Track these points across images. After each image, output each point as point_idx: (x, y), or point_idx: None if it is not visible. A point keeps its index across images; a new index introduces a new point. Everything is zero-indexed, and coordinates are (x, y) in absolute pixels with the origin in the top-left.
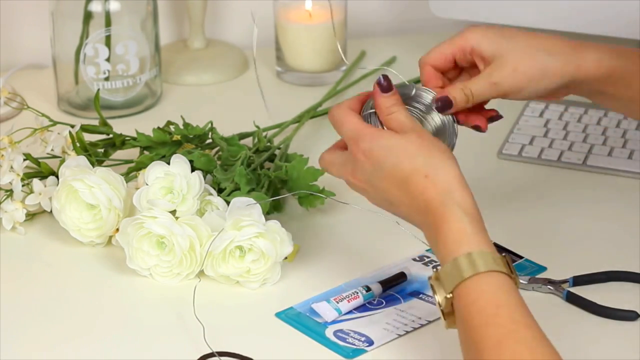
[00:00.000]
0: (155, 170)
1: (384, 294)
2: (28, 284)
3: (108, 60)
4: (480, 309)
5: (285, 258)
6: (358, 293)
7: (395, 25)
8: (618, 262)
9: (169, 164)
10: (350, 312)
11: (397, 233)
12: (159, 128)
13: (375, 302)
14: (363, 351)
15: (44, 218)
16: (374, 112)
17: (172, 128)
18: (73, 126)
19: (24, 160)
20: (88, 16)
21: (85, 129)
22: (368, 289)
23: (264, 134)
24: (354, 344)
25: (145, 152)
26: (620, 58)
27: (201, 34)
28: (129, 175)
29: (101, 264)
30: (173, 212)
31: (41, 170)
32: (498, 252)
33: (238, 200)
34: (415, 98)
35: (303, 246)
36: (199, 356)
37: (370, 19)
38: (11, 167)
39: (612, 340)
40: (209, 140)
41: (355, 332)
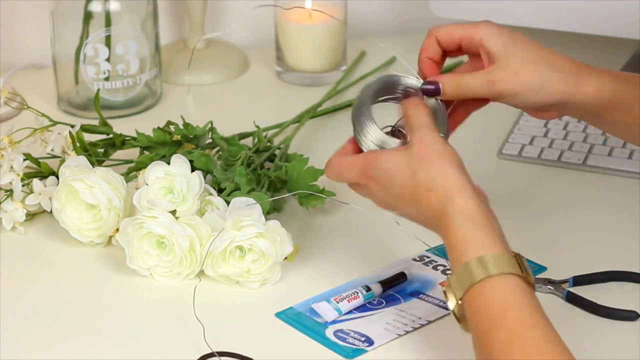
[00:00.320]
0: (155, 170)
1: (384, 294)
2: (28, 284)
3: (108, 60)
4: (489, 313)
5: (285, 258)
6: (358, 293)
7: (395, 25)
8: (618, 262)
9: (169, 164)
10: (350, 312)
11: (397, 233)
12: (159, 128)
13: (375, 302)
14: (363, 351)
15: (44, 218)
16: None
17: (172, 128)
18: (73, 126)
19: (24, 160)
20: (88, 16)
21: (85, 129)
22: (368, 289)
23: (264, 134)
24: (354, 344)
25: (145, 152)
26: (621, 83)
27: (201, 34)
28: (129, 175)
29: (101, 264)
30: (173, 212)
31: (41, 170)
32: (509, 252)
33: (238, 200)
34: (403, 86)
35: (303, 246)
36: (199, 356)
37: (370, 19)
38: (11, 167)
39: (612, 340)
40: (209, 140)
41: (355, 332)
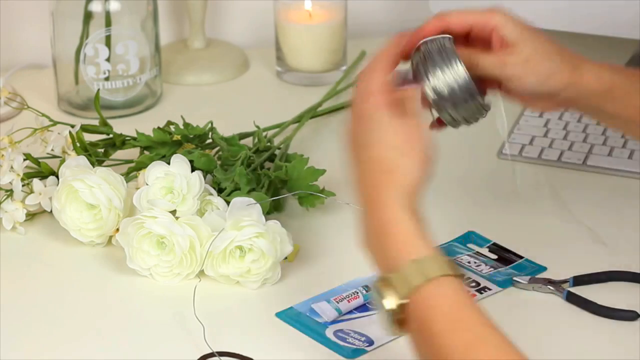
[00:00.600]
0: (156, 170)
1: None
2: (28, 284)
3: (108, 60)
4: (443, 314)
5: (285, 258)
6: (358, 293)
7: (395, 25)
8: (618, 262)
9: (169, 164)
10: (350, 312)
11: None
12: (159, 128)
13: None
14: (363, 351)
15: (44, 218)
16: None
17: (172, 128)
18: (73, 126)
19: (24, 160)
20: (88, 16)
21: (85, 129)
22: (368, 288)
23: (264, 134)
24: (354, 344)
25: (146, 152)
26: (620, 75)
27: (201, 34)
28: (129, 175)
29: (101, 264)
30: (173, 212)
31: (41, 170)
32: (435, 248)
33: (238, 200)
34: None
35: (303, 246)
36: (199, 356)
37: (370, 19)
38: (11, 167)
39: (612, 340)
40: (209, 140)
41: (356, 332)
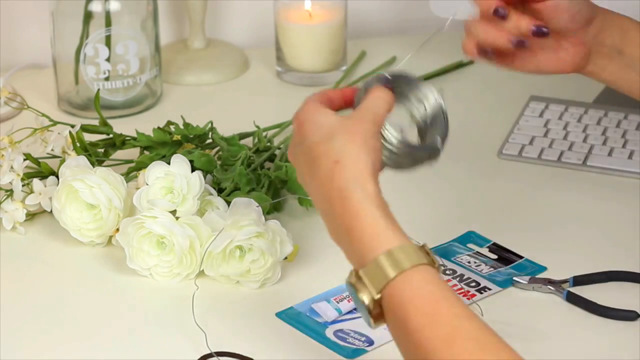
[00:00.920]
0: (156, 170)
1: None
2: (28, 284)
3: (108, 60)
4: (417, 308)
5: (285, 258)
6: None
7: (395, 25)
8: (618, 262)
9: (169, 164)
10: (350, 312)
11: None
12: (159, 128)
13: None
14: (363, 351)
15: (44, 218)
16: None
17: (173, 128)
18: (73, 126)
19: (24, 160)
20: (88, 16)
21: (85, 129)
22: None
23: (264, 134)
24: (354, 344)
25: (146, 152)
26: (637, 22)
27: (201, 34)
28: (129, 175)
29: (101, 264)
30: (173, 212)
31: (41, 170)
32: (406, 238)
33: (238, 200)
34: (413, 88)
35: (303, 246)
36: (199, 356)
37: (370, 19)
38: (11, 167)
39: (612, 340)
40: (209, 140)
41: (356, 332)
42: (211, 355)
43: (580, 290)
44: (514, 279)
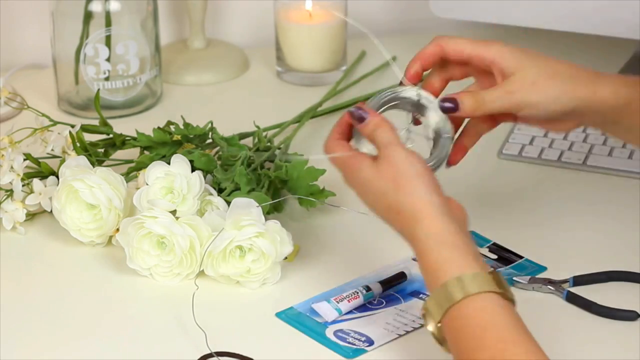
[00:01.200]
0: (156, 170)
1: (384, 294)
2: (28, 284)
3: (108, 60)
4: (468, 334)
5: (285, 258)
6: (358, 293)
7: (395, 25)
8: (618, 262)
9: (169, 164)
10: (350, 312)
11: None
12: (159, 128)
13: (375, 302)
14: (363, 351)
15: (44, 218)
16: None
17: (173, 128)
18: (73, 126)
19: (24, 160)
20: (88, 16)
21: (85, 129)
22: (368, 288)
23: (264, 134)
24: (354, 344)
25: (146, 152)
26: (636, 87)
27: (201, 34)
28: (129, 175)
29: (101, 264)
30: (173, 212)
31: (41, 170)
32: (485, 270)
33: (238, 200)
34: (412, 100)
35: (303, 246)
36: (199, 356)
37: (370, 19)
38: (11, 167)
39: (612, 340)
40: (209, 140)
41: (356, 332)
42: (211, 355)
43: (580, 290)
44: (514, 279)
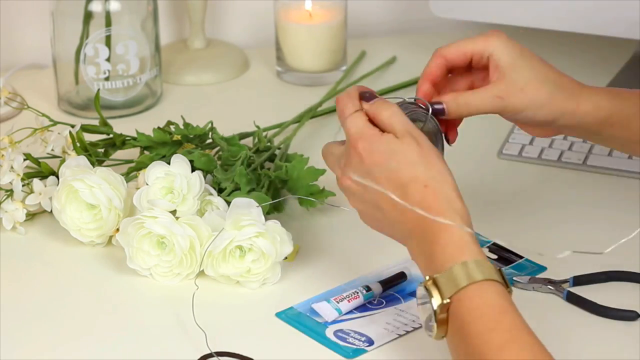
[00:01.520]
0: (156, 170)
1: (384, 294)
2: (28, 284)
3: (108, 60)
4: (483, 315)
5: (285, 258)
6: (358, 293)
7: (395, 25)
8: (618, 262)
9: (169, 164)
10: (350, 312)
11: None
12: (159, 128)
13: (375, 302)
14: (363, 351)
15: (44, 218)
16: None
17: (173, 128)
18: (73, 126)
19: (24, 160)
20: (88, 16)
21: (85, 129)
22: (368, 288)
23: (264, 134)
24: (354, 344)
25: (146, 152)
26: (618, 99)
27: (201, 34)
28: (129, 175)
29: (101, 264)
30: (173, 212)
31: (41, 170)
32: (484, 257)
33: (238, 200)
34: (408, 109)
35: (303, 246)
36: (199, 356)
37: (370, 19)
38: (11, 167)
39: (612, 340)
40: (209, 140)
41: (356, 332)
42: (211, 355)
43: (580, 290)
44: (514, 279)
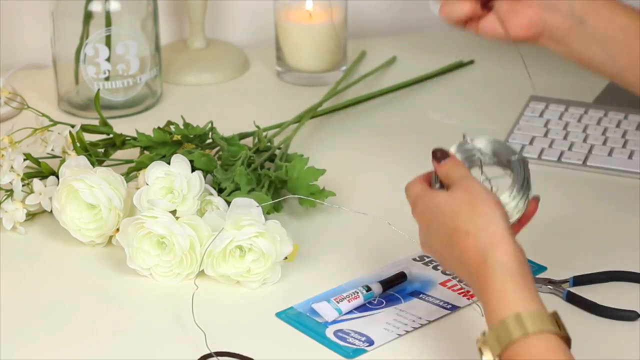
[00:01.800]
0: (156, 170)
1: (384, 294)
2: (28, 284)
3: (108, 60)
4: None
5: (285, 258)
6: (358, 293)
7: (395, 25)
8: (618, 262)
9: (169, 164)
10: (350, 312)
11: (397, 233)
12: (159, 128)
13: (375, 302)
14: (363, 351)
15: (44, 218)
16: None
17: (173, 128)
18: (73, 126)
19: (24, 160)
20: (88, 16)
21: (85, 129)
22: (368, 288)
23: (264, 134)
24: (354, 344)
25: (146, 152)
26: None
27: (201, 34)
28: (129, 175)
29: (101, 264)
30: (173, 212)
31: (41, 170)
32: (545, 309)
33: (238, 200)
34: (490, 154)
35: (303, 246)
36: (199, 356)
37: (370, 19)
38: (11, 167)
39: (612, 340)
40: (209, 140)
41: (356, 332)
42: (211, 355)
43: (580, 290)
44: None
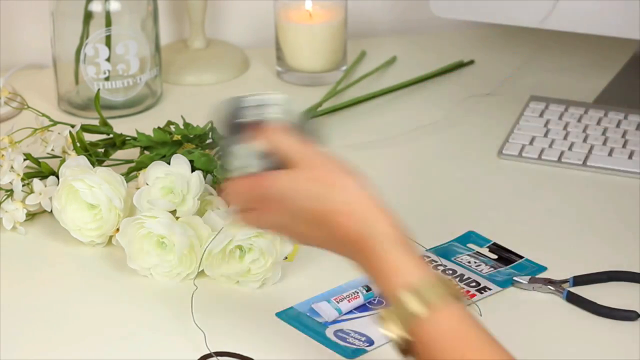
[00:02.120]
0: (156, 170)
1: None
2: (28, 283)
3: (108, 60)
4: (444, 350)
5: (285, 258)
6: (358, 293)
7: (395, 25)
8: (618, 262)
9: (169, 163)
10: (350, 312)
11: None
12: (159, 128)
13: (375, 302)
14: (363, 351)
15: (44, 218)
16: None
17: (173, 128)
18: (73, 126)
19: (24, 160)
20: (88, 16)
21: (85, 128)
22: (368, 288)
23: None
24: (355, 344)
25: (146, 152)
26: None
27: (201, 34)
28: (129, 175)
29: (101, 264)
30: (173, 212)
31: (41, 170)
32: (431, 270)
33: None
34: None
35: (303, 246)
36: (199, 356)
37: (370, 19)
38: (11, 167)
39: (612, 340)
40: (209, 140)
41: (356, 332)
42: (211, 355)
43: (580, 290)
44: (514, 279)
